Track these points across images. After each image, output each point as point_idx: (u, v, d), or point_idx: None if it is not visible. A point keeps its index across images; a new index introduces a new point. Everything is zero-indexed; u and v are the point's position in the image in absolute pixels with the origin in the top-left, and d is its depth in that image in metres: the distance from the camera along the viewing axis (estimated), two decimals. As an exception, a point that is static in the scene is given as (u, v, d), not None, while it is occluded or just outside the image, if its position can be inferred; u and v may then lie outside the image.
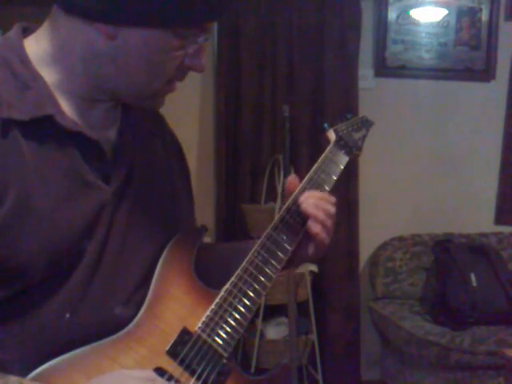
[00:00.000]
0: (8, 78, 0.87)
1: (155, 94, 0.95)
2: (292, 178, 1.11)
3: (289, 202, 1.09)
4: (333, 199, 1.09)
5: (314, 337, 3.18)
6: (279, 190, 3.10)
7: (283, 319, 3.12)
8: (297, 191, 1.10)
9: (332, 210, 1.07)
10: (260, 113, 3.32)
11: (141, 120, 1.04)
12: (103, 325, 0.91)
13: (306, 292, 3.14)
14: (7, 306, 0.86)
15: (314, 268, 3.14)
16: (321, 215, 1.05)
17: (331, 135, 1.25)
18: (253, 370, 3.01)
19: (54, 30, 0.90)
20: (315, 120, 3.35)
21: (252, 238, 3.01)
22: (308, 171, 1.15)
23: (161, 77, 0.91)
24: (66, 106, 0.90)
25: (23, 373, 0.84)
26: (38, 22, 0.96)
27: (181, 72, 0.93)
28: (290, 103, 3.03)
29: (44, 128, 0.87)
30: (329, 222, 1.06)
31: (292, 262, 1.09)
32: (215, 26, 3.22)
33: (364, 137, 1.34)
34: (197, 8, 0.85)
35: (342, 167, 1.20)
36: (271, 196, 3.27)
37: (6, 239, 0.82)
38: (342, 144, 1.23)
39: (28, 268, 0.84)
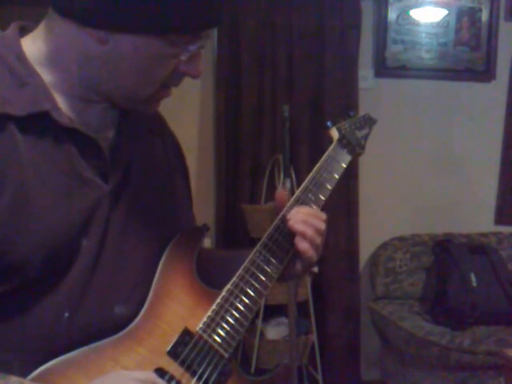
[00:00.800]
0: (4, 75, 0.88)
1: (149, 98, 0.94)
2: (280, 192, 1.08)
3: (291, 201, 1.08)
4: (323, 216, 1.06)
5: (314, 337, 3.18)
6: (279, 190, 3.10)
7: (283, 319, 3.11)
8: (299, 191, 1.09)
9: (322, 226, 1.03)
10: (260, 113, 3.32)
11: (139, 119, 1.03)
12: (103, 324, 0.91)
13: (306, 292, 3.14)
14: (5, 304, 0.86)
15: (314, 268, 3.14)
16: (309, 232, 1.01)
17: (334, 133, 1.23)
18: (253, 370, 3.01)
19: (49, 31, 0.90)
20: (315, 120, 3.35)
21: (252, 238, 3.02)
22: (308, 171, 1.14)
23: (153, 82, 0.91)
24: (62, 104, 0.91)
25: (24, 373, 0.84)
26: (38, 22, 0.96)
27: (176, 77, 0.93)
28: (290, 103, 3.03)
29: (40, 124, 0.87)
30: (318, 239, 1.02)
31: (281, 277, 1.07)
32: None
33: (367, 135, 1.32)
34: (188, 16, 0.85)
35: (345, 166, 1.19)
36: (271, 196, 3.27)
37: (1, 234, 0.83)
38: (345, 142, 1.22)
39: (24, 264, 0.84)
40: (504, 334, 2.89)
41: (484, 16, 3.50)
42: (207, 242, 3.18)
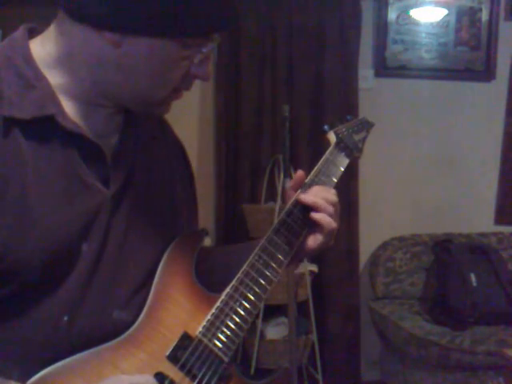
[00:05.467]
0: (12, 78, 0.88)
1: (160, 102, 0.95)
2: (299, 172, 1.10)
3: (289, 204, 1.08)
4: (333, 190, 1.09)
5: (313, 337, 3.18)
6: (279, 189, 3.10)
7: (283, 319, 3.12)
8: (297, 194, 1.09)
9: (332, 197, 1.06)
10: (260, 113, 3.32)
11: (143, 124, 1.03)
12: (102, 329, 0.91)
13: (306, 292, 3.14)
14: (5, 308, 0.86)
15: (314, 268, 3.14)
16: (321, 202, 1.04)
17: (331, 137, 1.24)
18: (253, 370, 3.02)
19: (60, 34, 0.90)
20: (315, 120, 3.34)
21: (252, 238, 3.03)
22: (308, 171, 1.14)
23: (166, 86, 0.91)
24: (68, 109, 0.91)
25: (23, 378, 0.84)
26: (39, 23, 0.96)
27: (187, 81, 0.93)
28: (290, 103, 3.03)
29: (45, 128, 0.87)
30: (331, 209, 1.05)
31: (295, 257, 1.08)
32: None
33: (364, 138, 1.33)
34: (202, 19, 0.85)
35: (343, 169, 1.19)
36: (271, 196, 3.27)
37: (2, 238, 0.83)
38: (343, 146, 1.22)
39: (24, 267, 0.84)
40: (504, 334, 2.89)
41: (484, 16, 3.49)
42: (207, 242, 3.18)
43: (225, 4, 0.88)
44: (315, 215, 1.05)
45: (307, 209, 1.07)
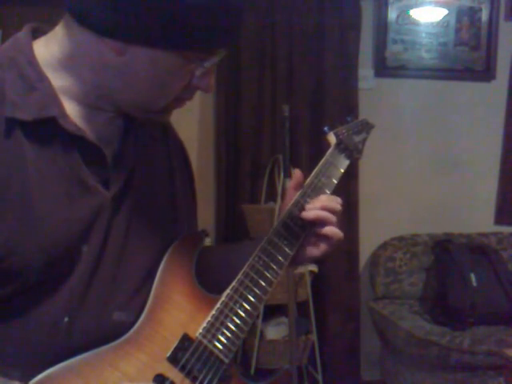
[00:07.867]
0: (14, 79, 0.87)
1: (161, 109, 0.95)
2: (297, 172, 1.10)
3: (290, 206, 1.08)
4: (338, 199, 1.08)
5: (314, 337, 3.18)
6: (279, 189, 3.10)
7: (283, 319, 3.12)
8: (298, 195, 1.09)
9: (338, 208, 1.06)
10: (260, 113, 3.32)
11: (144, 125, 1.03)
12: (102, 330, 0.91)
13: (306, 292, 3.14)
14: (5, 308, 0.86)
15: (314, 268, 3.14)
16: (325, 214, 1.04)
17: (332, 138, 1.23)
18: (253, 370, 3.02)
19: (65, 37, 0.90)
20: (315, 120, 3.34)
21: (252, 239, 3.02)
22: (308, 171, 1.14)
23: (166, 95, 0.92)
24: (70, 111, 0.91)
25: (23, 379, 0.84)
26: (40, 23, 0.96)
27: (189, 91, 0.94)
28: (290, 103, 3.02)
29: (47, 130, 0.87)
30: (334, 219, 1.05)
31: (296, 261, 1.09)
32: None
33: (364, 140, 1.33)
34: (204, 34, 0.85)
35: (343, 170, 1.19)
36: (271, 196, 3.27)
37: (3, 238, 0.83)
38: (343, 147, 1.22)
39: (24, 268, 0.84)
40: (504, 334, 2.89)
41: (484, 16, 3.50)
42: (207, 243, 3.18)
43: (228, 21, 0.87)
44: (324, 230, 1.05)
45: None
